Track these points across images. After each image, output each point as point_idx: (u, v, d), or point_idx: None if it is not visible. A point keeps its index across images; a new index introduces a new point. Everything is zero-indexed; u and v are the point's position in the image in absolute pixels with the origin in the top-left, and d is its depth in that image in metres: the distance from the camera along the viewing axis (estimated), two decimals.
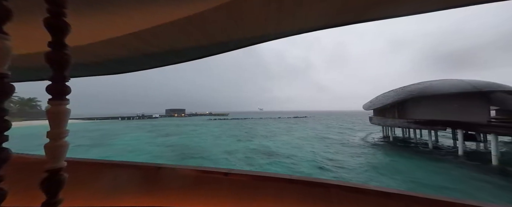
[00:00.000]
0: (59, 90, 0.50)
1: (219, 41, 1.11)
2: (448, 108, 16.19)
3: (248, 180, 1.07)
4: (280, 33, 1.06)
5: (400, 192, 0.83)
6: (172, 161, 12.87)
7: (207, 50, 1.24)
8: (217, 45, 1.18)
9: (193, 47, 1.18)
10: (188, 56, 1.35)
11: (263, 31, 1.01)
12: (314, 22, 0.94)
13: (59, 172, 0.48)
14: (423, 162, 11.75)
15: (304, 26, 0.99)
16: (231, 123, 49.09)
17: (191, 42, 1.12)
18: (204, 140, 21.06)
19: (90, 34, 0.95)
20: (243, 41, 1.13)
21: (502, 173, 9.44)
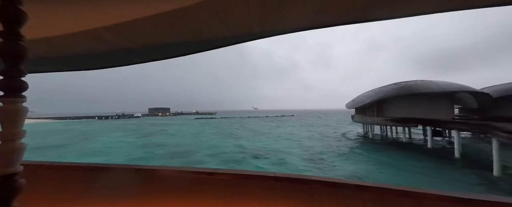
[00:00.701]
0: (12, 86, 0.46)
1: (204, 38, 1.09)
2: (420, 106, 17.65)
3: (233, 179, 1.07)
4: (265, 33, 1.05)
5: (374, 185, 0.91)
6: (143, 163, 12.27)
7: (191, 47, 1.21)
8: (202, 43, 1.15)
9: (176, 43, 1.15)
10: (171, 53, 1.30)
11: (248, 30, 1.01)
12: (297, 23, 0.96)
13: (12, 178, 0.44)
14: (397, 156, 12.71)
15: (288, 27, 1.00)
16: (214, 122, 48.60)
17: (173, 39, 1.08)
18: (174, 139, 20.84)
19: (58, 25, 0.87)
20: (229, 40, 1.12)
21: (462, 165, 10.60)
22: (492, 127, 8.92)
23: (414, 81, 18.66)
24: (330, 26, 0.98)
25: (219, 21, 0.90)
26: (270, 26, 0.99)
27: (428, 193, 0.84)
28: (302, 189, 0.98)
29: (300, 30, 1.03)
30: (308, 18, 0.92)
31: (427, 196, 0.83)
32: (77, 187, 1.18)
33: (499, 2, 0.75)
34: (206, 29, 0.99)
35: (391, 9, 0.82)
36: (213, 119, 60.97)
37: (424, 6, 0.80)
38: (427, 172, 9.59)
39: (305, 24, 0.97)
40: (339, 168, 10.48)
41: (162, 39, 1.10)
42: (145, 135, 24.50)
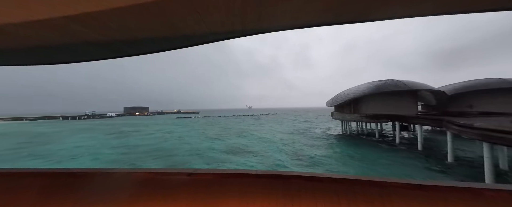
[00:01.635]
0: None
1: (181, 34, 1.05)
2: (389, 104, 19.36)
3: (213, 179, 1.06)
4: (248, 30, 1.04)
5: (346, 177, 0.99)
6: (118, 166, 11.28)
7: (169, 43, 1.17)
8: (180, 39, 1.12)
9: (151, 38, 1.10)
10: (147, 48, 1.25)
11: (230, 27, 1.00)
12: (280, 22, 0.96)
13: None
14: (369, 149, 13.80)
15: (272, 25, 0.99)
16: (194, 121, 47.45)
17: (147, 33, 1.03)
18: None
19: (7, 11, 0.79)
20: (209, 36, 1.09)
21: (423, 156, 11.96)
22: (446, 121, 10.17)
23: (385, 80, 20.36)
24: (313, 26, 1.00)
25: (198, 17, 0.88)
26: (252, 24, 0.97)
27: (392, 182, 0.94)
28: (282, 184, 1.02)
29: (283, 29, 1.03)
30: (291, 17, 0.92)
31: (391, 184, 0.94)
32: (33, 195, 1.09)
33: (492, 7, 0.80)
34: (184, 25, 0.96)
35: (377, 10, 0.86)
36: (194, 118, 59.39)
37: (421, 9, 0.85)
38: (394, 163, 10.62)
39: (287, 23, 0.97)
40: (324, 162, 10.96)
41: (135, 33, 1.03)
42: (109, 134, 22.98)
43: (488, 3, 0.79)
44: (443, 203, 0.88)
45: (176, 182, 1.07)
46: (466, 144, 13.29)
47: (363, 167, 10.34)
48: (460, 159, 10.59)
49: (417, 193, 0.90)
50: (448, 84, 22.51)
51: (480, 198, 0.86)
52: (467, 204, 0.85)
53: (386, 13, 0.90)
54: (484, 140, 7.19)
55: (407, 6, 0.82)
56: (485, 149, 7.60)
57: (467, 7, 0.81)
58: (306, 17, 0.92)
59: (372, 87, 19.60)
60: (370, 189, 0.94)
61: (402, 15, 0.90)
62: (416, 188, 0.92)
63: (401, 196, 0.90)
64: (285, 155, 12.89)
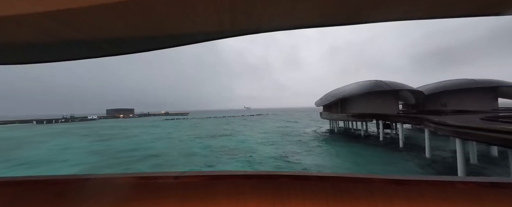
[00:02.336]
0: None
1: (169, 34, 1.04)
2: (374, 103, 20.28)
3: (201, 181, 1.06)
4: (237, 31, 1.04)
5: (332, 175, 1.04)
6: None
7: (155, 42, 1.14)
8: (168, 38, 1.09)
9: (136, 37, 1.06)
10: (131, 47, 1.21)
11: (219, 27, 0.99)
12: (269, 23, 0.96)
13: None
14: (355, 147, 14.34)
15: (260, 26, 1.00)
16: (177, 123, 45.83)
17: (132, 31, 1.00)
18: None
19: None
20: (198, 36, 1.08)
21: (404, 152, 12.68)
22: (424, 119, 10.84)
23: (369, 81, 21.29)
24: (300, 28, 1.02)
25: (186, 16, 0.87)
26: (242, 25, 0.97)
27: (374, 178, 1.01)
28: (271, 184, 1.03)
29: (273, 30, 1.03)
30: (280, 18, 0.92)
31: (373, 180, 1.00)
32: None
33: (479, 12, 0.87)
34: (171, 24, 0.94)
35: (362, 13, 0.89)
36: (177, 120, 57.79)
37: (409, 13, 0.90)
38: (379, 159, 11.12)
39: (277, 24, 0.98)
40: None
41: (118, 32, 1.00)
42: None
43: (467, 11, 0.89)
44: (419, 195, 0.96)
45: (164, 185, 1.05)
46: (442, 140, 14.26)
47: (348, 164, 10.70)
48: (437, 154, 11.33)
49: (397, 188, 0.98)
50: (426, 85, 24.12)
51: (451, 190, 0.96)
52: (440, 196, 0.94)
53: (377, 16, 0.94)
54: (456, 136, 7.74)
55: (395, 10, 0.88)
56: (458, 144, 8.19)
57: (450, 13, 0.90)
58: (295, 19, 0.94)
59: (358, 88, 20.40)
60: (355, 186, 1.00)
61: (393, 18, 0.96)
62: (395, 183, 0.99)
63: (382, 190, 0.98)
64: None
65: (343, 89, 22.29)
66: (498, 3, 0.87)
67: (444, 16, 0.92)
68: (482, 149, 10.57)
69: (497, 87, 19.31)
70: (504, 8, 0.91)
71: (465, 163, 8.12)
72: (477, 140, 6.80)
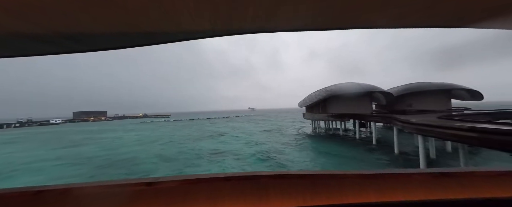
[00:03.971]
0: None
1: (144, 31, 1.00)
2: (351, 104, 21.70)
3: (178, 186, 1.03)
4: (219, 31, 1.02)
5: (310, 172, 1.09)
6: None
7: (128, 39, 1.10)
8: (143, 35, 1.05)
9: (106, 33, 1.01)
10: (101, 44, 1.14)
11: (199, 27, 0.97)
12: (250, 24, 0.97)
13: None
14: (335, 145, 15.18)
15: (241, 27, 1.00)
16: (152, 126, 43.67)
17: (101, 27, 0.95)
18: None
19: None
20: (177, 35, 1.06)
21: (376, 149, 13.81)
22: (393, 118, 11.92)
23: (346, 83, 22.74)
24: (283, 31, 1.03)
25: (163, 14, 0.85)
26: (223, 25, 0.96)
27: (347, 174, 1.09)
28: (251, 185, 1.04)
29: (254, 32, 1.03)
30: (261, 20, 0.93)
31: (347, 175, 1.08)
32: None
33: (463, 24, 1.01)
34: (146, 21, 0.91)
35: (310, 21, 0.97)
36: (151, 123, 54.87)
37: (401, 22, 1.03)
38: (354, 156, 11.91)
39: (258, 26, 0.99)
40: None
41: (85, 26, 0.93)
42: None
43: (434, 23, 1.07)
44: (386, 187, 1.10)
45: (133, 194, 0.99)
46: (409, 137, 15.87)
47: (329, 161, 11.24)
48: (404, 150, 12.54)
49: (367, 181, 1.09)
50: (395, 87, 26.67)
51: (409, 180, 1.11)
52: (401, 186, 1.09)
53: (364, 23, 1.03)
54: (418, 133, 8.65)
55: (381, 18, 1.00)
56: (419, 140, 9.16)
57: (435, 24, 1.08)
58: (277, 21, 0.95)
59: (337, 89, 21.64)
60: (330, 182, 1.07)
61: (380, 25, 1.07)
62: (366, 177, 1.09)
63: (355, 185, 1.08)
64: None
65: (323, 91, 23.42)
66: (460, 18, 1.11)
67: (421, 27, 1.15)
68: (439, 145, 12.01)
69: (450, 90, 22.26)
70: (464, 23, 1.17)
71: (426, 157, 9.12)
72: (434, 136, 7.69)
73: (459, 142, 6.96)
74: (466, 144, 7.23)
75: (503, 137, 4.97)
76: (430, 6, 1.05)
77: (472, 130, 5.75)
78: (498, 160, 9.98)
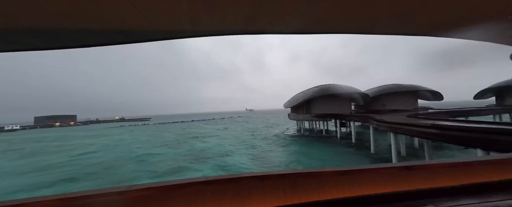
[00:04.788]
0: None
1: (116, 28, 0.96)
2: (332, 104, 22.85)
3: (155, 193, 0.98)
4: (199, 31, 1.02)
5: (290, 171, 1.13)
6: None
7: (98, 37, 1.04)
8: (114, 33, 1.01)
9: (72, 30, 0.95)
10: (65, 41, 1.04)
11: (178, 27, 0.95)
12: (232, 26, 0.98)
13: None
14: (318, 144, 15.83)
15: (222, 28, 1.00)
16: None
17: (67, 23, 0.89)
18: None
19: None
20: (155, 34, 1.02)
21: (355, 146, 14.73)
22: (369, 118, 12.84)
23: (328, 84, 23.92)
24: (261, 33, 1.05)
25: (136, 11, 0.82)
26: (203, 26, 0.96)
27: (324, 171, 1.15)
28: (233, 187, 1.05)
29: (236, 33, 1.04)
30: (243, 22, 0.94)
31: (324, 173, 1.15)
32: None
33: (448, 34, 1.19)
34: (118, 18, 0.87)
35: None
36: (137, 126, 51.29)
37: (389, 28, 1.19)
38: (335, 153, 12.54)
39: (241, 27, 1.01)
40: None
41: (46, 21, 0.86)
42: None
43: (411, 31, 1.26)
44: (359, 181, 1.20)
45: (106, 204, 0.93)
46: (384, 135, 17.22)
47: (313, 159, 11.66)
48: (379, 148, 13.56)
49: (342, 178, 1.17)
50: (371, 88, 28.82)
51: (379, 175, 1.25)
52: (371, 180, 1.21)
53: (331, 28, 1.13)
54: (390, 131, 9.45)
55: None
56: (392, 138, 10.01)
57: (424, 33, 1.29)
58: (260, 23, 0.97)
59: (319, 90, 22.62)
60: (308, 180, 1.11)
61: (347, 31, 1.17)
62: (341, 174, 1.17)
63: (331, 181, 1.15)
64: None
65: (307, 92, 24.28)
66: (433, 27, 1.28)
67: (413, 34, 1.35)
68: (408, 141, 13.26)
69: (417, 91, 24.81)
70: (441, 32, 1.35)
71: (397, 153, 9.98)
72: (403, 133, 8.46)
73: (424, 138, 7.76)
74: (430, 140, 8.09)
75: (457, 132, 5.67)
76: (402, 16, 1.16)
77: (433, 127, 6.46)
78: (457, 152, 11.35)
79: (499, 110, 18.31)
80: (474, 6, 1.24)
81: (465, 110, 17.04)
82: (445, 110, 17.37)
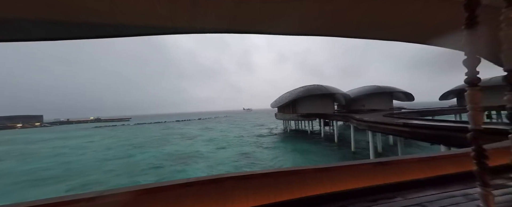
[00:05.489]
0: None
1: (82, 21, 0.90)
2: (317, 104, 23.74)
3: (131, 198, 0.93)
4: (180, 28, 1.00)
5: (274, 170, 1.14)
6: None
7: (62, 30, 0.97)
8: (82, 27, 0.93)
9: (33, 21, 0.89)
10: (24, 33, 0.97)
11: (156, 21, 0.91)
12: (214, 24, 0.97)
13: None
14: (302, 142, 16.33)
15: (205, 26, 0.99)
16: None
17: (26, 12, 0.83)
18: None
19: None
20: (131, 29, 0.97)
21: (337, 145, 15.50)
22: (350, 117, 13.59)
23: (312, 85, 24.76)
24: (244, 33, 1.06)
25: (112, 4, 0.78)
26: (184, 23, 0.93)
27: (306, 169, 1.20)
28: (215, 188, 1.03)
29: (218, 31, 1.03)
30: (226, 20, 0.93)
31: (306, 171, 1.19)
32: None
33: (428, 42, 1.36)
34: (85, 9, 0.82)
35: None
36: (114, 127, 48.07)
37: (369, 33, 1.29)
38: (321, 153, 13.05)
39: (223, 26, 0.99)
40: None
41: (9, 12, 0.80)
42: None
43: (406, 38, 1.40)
44: (339, 177, 1.25)
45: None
46: (364, 134, 18.33)
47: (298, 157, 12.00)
48: (359, 146, 14.43)
49: (324, 174, 1.21)
50: (352, 89, 30.53)
51: (357, 170, 1.33)
52: (350, 176, 1.28)
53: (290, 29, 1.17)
54: (368, 129, 10.11)
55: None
56: (369, 136, 10.71)
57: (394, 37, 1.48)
58: (244, 22, 0.95)
59: (305, 91, 23.31)
60: (291, 178, 1.14)
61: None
62: (323, 171, 1.22)
63: (313, 178, 1.19)
64: None
65: (293, 92, 24.87)
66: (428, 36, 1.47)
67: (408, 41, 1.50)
68: (384, 139, 14.31)
69: (392, 92, 26.91)
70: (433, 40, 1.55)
71: (374, 150, 10.71)
72: (380, 131, 9.10)
73: (397, 136, 8.43)
74: (402, 137, 8.82)
75: (424, 130, 6.26)
76: (381, 23, 1.27)
77: (405, 126, 7.04)
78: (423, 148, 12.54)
79: (459, 110, 20.68)
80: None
81: (432, 109, 18.97)
82: (415, 109, 19.12)
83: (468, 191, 1.39)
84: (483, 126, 0.69)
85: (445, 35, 1.63)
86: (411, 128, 6.78)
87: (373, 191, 1.31)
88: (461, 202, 1.25)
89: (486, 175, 0.63)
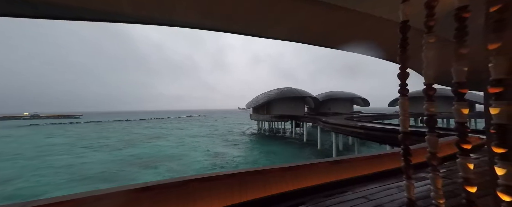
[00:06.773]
0: None
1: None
2: (289, 106, 25.01)
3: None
4: (143, 18, 0.89)
5: (240, 171, 1.14)
6: None
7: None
8: (13, 3, 0.81)
9: None
10: None
11: (113, 6, 0.79)
12: (185, 18, 0.93)
13: None
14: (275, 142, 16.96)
15: (173, 18, 0.93)
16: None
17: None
18: None
19: None
20: (82, 12, 0.81)
21: (306, 145, 16.60)
22: (317, 119, 14.79)
23: (286, 88, 25.99)
24: (218, 31, 1.03)
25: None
26: (149, 12, 0.83)
27: (271, 169, 1.23)
28: (177, 191, 0.97)
29: (190, 26, 0.98)
30: (198, 16, 0.89)
31: (271, 170, 1.22)
32: None
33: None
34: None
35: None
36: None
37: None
38: (290, 152, 13.75)
39: (194, 21, 0.94)
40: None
41: None
42: None
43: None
44: (301, 175, 1.31)
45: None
46: (328, 134, 20.17)
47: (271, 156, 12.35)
48: (324, 146, 15.84)
49: (288, 173, 1.26)
50: (321, 93, 33.34)
51: (317, 168, 1.41)
52: (311, 173, 1.36)
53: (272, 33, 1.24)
54: (332, 130, 11.20)
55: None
56: (333, 137, 11.87)
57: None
58: (217, 19, 0.92)
59: (278, 93, 24.26)
60: (256, 178, 1.15)
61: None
62: (287, 170, 1.27)
63: (277, 177, 1.22)
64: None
65: (268, 94, 25.56)
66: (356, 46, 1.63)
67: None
68: (345, 139, 16.10)
69: (353, 98, 30.58)
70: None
71: (337, 149, 11.92)
72: (341, 132, 10.19)
73: (355, 137, 9.59)
74: (358, 138, 10.08)
75: (375, 132, 7.31)
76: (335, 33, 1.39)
77: (361, 128, 8.08)
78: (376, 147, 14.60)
79: None
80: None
81: (382, 114, 22.33)
82: (370, 114, 22.17)
83: (400, 183, 1.67)
84: (409, 129, 0.83)
85: (393, 51, 1.94)
86: (365, 130, 7.81)
87: (329, 187, 1.45)
88: (394, 193, 1.48)
89: (410, 170, 0.76)
